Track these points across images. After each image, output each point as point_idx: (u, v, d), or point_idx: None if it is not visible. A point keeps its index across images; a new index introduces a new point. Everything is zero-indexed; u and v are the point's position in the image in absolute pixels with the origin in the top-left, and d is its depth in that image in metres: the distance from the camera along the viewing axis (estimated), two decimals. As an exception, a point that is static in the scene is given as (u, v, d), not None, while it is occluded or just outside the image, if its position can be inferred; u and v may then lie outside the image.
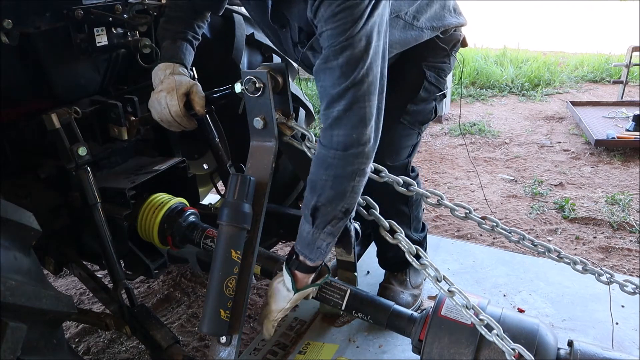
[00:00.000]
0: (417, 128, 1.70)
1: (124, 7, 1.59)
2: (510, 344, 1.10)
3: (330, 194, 1.22)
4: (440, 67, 1.67)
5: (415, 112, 1.66)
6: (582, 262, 1.30)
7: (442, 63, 1.68)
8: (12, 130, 1.54)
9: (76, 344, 2.14)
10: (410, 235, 1.93)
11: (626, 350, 1.74)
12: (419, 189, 1.27)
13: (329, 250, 1.32)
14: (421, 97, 1.65)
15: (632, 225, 2.84)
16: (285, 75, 1.30)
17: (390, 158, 1.64)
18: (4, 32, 1.33)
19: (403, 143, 1.68)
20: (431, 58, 1.65)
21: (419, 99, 1.65)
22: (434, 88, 1.68)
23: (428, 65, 1.65)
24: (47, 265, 1.61)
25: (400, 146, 1.67)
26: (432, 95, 1.68)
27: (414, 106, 1.65)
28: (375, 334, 1.83)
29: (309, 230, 1.28)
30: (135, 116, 1.62)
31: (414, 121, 1.67)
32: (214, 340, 1.24)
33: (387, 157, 1.61)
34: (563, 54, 7.18)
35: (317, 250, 1.29)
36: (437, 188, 3.45)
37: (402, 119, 1.64)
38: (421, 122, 1.71)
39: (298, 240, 1.33)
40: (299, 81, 5.86)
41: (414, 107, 1.65)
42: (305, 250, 1.31)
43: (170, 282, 2.50)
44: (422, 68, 1.64)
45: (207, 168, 2.47)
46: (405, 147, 1.68)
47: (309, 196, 1.26)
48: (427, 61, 1.64)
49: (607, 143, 3.86)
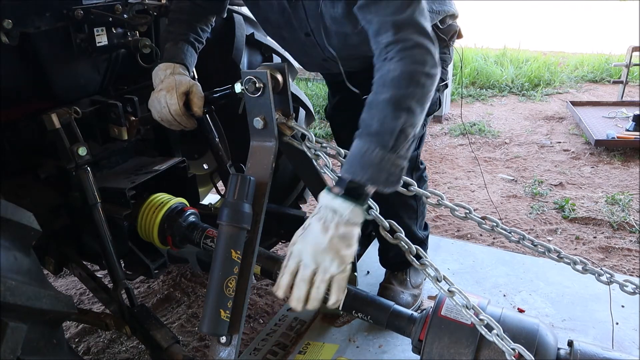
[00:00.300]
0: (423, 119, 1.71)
1: (124, 7, 1.59)
2: (510, 344, 1.10)
3: (416, 108, 1.19)
4: (441, 57, 1.68)
5: None
6: (582, 262, 1.30)
7: (442, 54, 1.68)
8: (12, 130, 1.54)
9: (76, 344, 2.14)
10: (415, 233, 1.94)
11: (626, 350, 1.75)
12: (418, 189, 1.27)
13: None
14: None
15: (632, 225, 2.84)
16: (286, 75, 1.30)
17: None
18: (4, 32, 1.33)
19: None
20: None
21: None
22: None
23: None
24: (47, 265, 1.61)
25: None
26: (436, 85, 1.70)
27: None
28: (375, 334, 1.84)
29: (382, 155, 1.14)
30: (135, 116, 1.62)
31: None
32: (214, 340, 1.24)
33: None
34: (563, 54, 7.18)
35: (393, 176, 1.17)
36: (437, 188, 3.45)
37: None
38: (427, 113, 1.72)
39: (364, 170, 1.15)
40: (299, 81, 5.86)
41: None
42: (380, 177, 1.15)
43: (170, 282, 2.50)
44: None
45: (207, 168, 2.47)
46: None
47: (391, 115, 1.16)
48: None
49: (607, 143, 3.86)
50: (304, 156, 1.39)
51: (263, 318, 2.21)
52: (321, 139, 1.31)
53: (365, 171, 1.14)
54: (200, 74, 1.73)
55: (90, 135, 1.59)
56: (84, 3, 1.52)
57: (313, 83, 5.78)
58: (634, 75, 5.59)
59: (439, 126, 4.67)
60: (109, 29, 1.59)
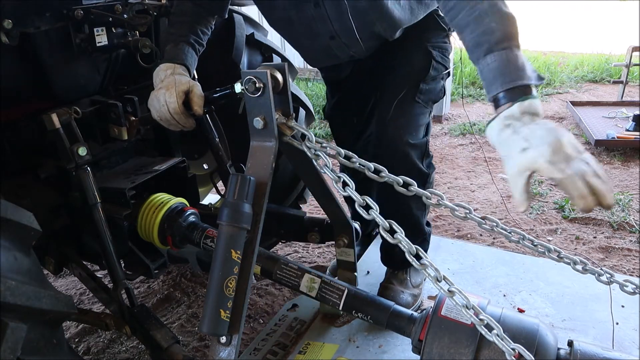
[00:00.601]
0: (430, 107, 1.78)
1: (124, 7, 1.59)
2: (510, 344, 1.10)
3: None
4: (442, 46, 1.78)
5: (428, 90, 1.74)
6: (582, 262, 1.30)
7: (443, 43, 1.78)
8: (12, 130, 1.54)
9: (76, 344, 2.14)
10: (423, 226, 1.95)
11: (626, 350, 1.74)
12: (418, 188, 1.27)
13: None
14: (431, 75, 1.73)
15: (632, 225, 2.84)
16: (286, 75, 1.30)
17: (412, 136, 1.70)
18: (4, 32, 1.33)
19: (419, 121, 1.74)
20: (433, 39, 1.75)
21: (429, 78, 1.73)
22: (441, 67, 1.77)
23: (432, 46, 1.74)
24: (47, 265, 1.61)
25: (418, 124, 1.73)
26: (440, 73, 1.78)
27: (425, 85, 1.73)
28: (375, 334, 1.84)
29: (516, 54, 1.16)
30: (135, 116, 1.62)
31: (427, 100, 1.75)
32: (214, 340, 1.24)
33: (408, 135, 1.69)
34: (563, 54, 7.18)
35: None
36: (437, 188, 3.45)
37: (417, 97, 1.71)
38: (433, 100, 1.79)
39: (523, 71, 1.14)
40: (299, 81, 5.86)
41: (426, 86, 1.73)
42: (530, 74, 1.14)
43: (170, 282, 2.51)
44: (428, 48, 1.73)
45: (207, 168, 2.47)
46: (421, 126, 1.75)
47: (500, 18, 1.17)
48: (430, 42, 1.74)
49: (607, 143, 3.86)
50: (304, 156, 1.39)
51: (263, 318, 2.21)
52: (321, 139, 1.31)
53: (524, 72, 1.12)
54: (200, 74, 1.73)
55: (90, 135, 1.59)
56: (84, 3, 1.52)
57: (313, 83, 5.78)
58: (634, 75, 5.59)
59: (439, 126, 4.67)
60: (109, 29, 1.59)
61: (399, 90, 1.71)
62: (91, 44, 1.55)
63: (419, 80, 1.72)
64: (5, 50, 1.37)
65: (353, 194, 1.23)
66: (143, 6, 1.65)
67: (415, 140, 1.73)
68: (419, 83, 1.71)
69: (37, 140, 1.56)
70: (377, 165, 1.28)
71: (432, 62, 1.73)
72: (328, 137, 4.34)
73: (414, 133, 1.72)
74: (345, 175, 1.26)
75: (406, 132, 1.69)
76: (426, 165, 1.79)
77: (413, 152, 1.72)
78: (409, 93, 1.69)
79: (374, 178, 1.27)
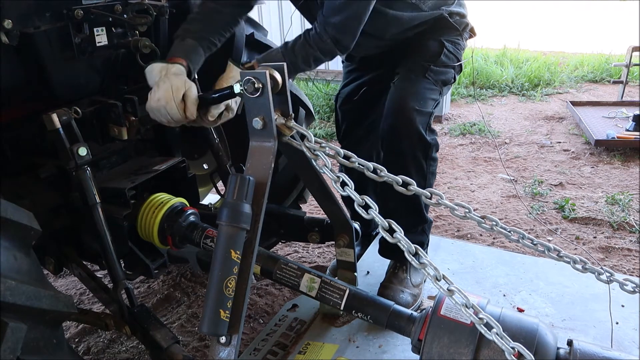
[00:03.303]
0: (439, 87, 1.94)
1: (124, 7, 1.59)
2: (509, 343, 1.10)
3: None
4: (455, 41, 2.00)
5: (438, 72, 1.93)
6: (582, 261, 1.30)
7: (456, 39, 2.00)
8: (12, 130, 1.54)
9: (76, 344, 2.14)
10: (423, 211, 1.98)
11: (626, 350, 1.74)
12: (418, 188, 1.27)
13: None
14: (442, 61, 1.94)
15: (632, 225, 2.84)
16: (284, 75, 1.30)
17: (418, 103, 1.84)
18: (4, 32, 1.33)
19: (428, 94, 1.89)
20: (446, 35, 1.97)
21: (440, 62, 1.94)
22: (452, 56, 1.97)
23: (446, 39, 1.97)
24: (47, 265, 1.61)
25: (425, 96, 1.88)
26: (452, 62, 1.98)
27: (436, 67, 1.93)
28: (375, 334, 1.84)
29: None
30: (135, 116, 1.62)
31: (437, 79, 1.93)
32: (214, 341, 1.24)
33: (415, 102, 1.83)
34: (563, 54, 7.18)
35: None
36: (437, 188, 3.45)
37: (427, 74, 1.90)
38: (443, 81, 1.96)
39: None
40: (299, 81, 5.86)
41: (436, 68, 1.93)
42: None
43: (170, 282, 2.51)
44: (442, 40, 1.96)
45: (207, 168, 2.47)
46: (429, 99, 1.90)
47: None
48: (444, 36, 1.97)
49: (607, 143, 3.86)
50: (303, 156, 1.39)
51: (263, 318, 2.21)
52: (320, 139, 1.31)
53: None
54: (199, 74, 1.73)
55: (90, 135, 1.59)
56: (84, 3, 1.52)
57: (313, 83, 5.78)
58: (634, 75, 5.59)
59: (439, 126, 4.68)
60: (109, 28, 1.59)
61: (411, 67, 1.92)
62: (91, 44, 1.55)
63: (430, 62, 1.92)
64: (5, 50, 1.37)
65: (352, 194, 1.23)
66: (143, 6, 1.65)
67: (423, 107, 1.85)
68: (430, 64, 1.91)
69: (37, 140, 1.56)
70: (375, 165, 1.28)
71: (444, 50, 1.93)
72: (328, 137, 4.34)
73: (421, 101, 1.85)
74: (344, 175, 1.26)
75: (413, 99, 1.83)
76: (430, 137, 1.89)
77: (418, 118, 1.82)
78: (420, 70, 1.90)
79: (374, 178, 1.27)
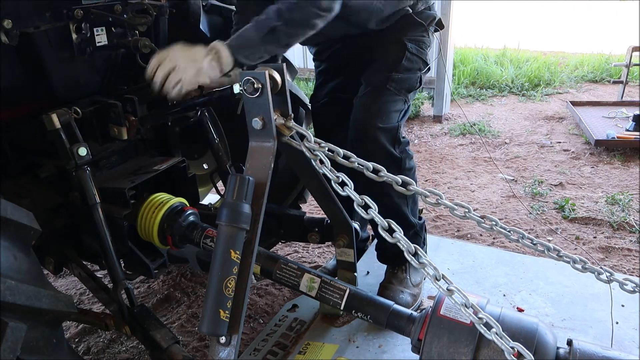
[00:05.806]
0: (404, 95, 1.86)
1: (123, 7, 1.59)
2: (509, 343, 1.10)
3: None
4: (419, 39, 1.89)
5: (401, 79, 1.83)
6: (582, 261, 1.30)
7: (420, 36, 1.89)
8: (12, 130, 1.54)
9: (76, 344, 2.14)
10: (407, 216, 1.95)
11: (626, 349, 1.74)
12: (417, 188, 1.27)
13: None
14: (404, 66, 1.84)
15: (632, 225, 2.84)
16: (284, 75, 1.30)
17: (381, 120, 1.78)
18: (4, 32, 1.33)
19: (391, 108, 1.82)
20: (410, 33, 1.87)
21: (402, 68, 1.84)
22: (416, 58, 1.87)
23: (408, 39, 1.86)
24: (47, 265, 1.61)
25: (388, 110, 1.81)
26: (416, 64, 1.88)
27: (398, 75, 1.83)
28: (375, 334, 1.84)
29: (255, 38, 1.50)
30: (135, 116, 1.62)
31: (400, 88, 1.84)
32: (214, 341, 1.24)
33: (377, 119, 1.77)
34: (563, 54, 7.18)
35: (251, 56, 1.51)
36: (437, 188, 3.45)
37: (389, 85, 1.81)
38: (407, 89, 1.87)
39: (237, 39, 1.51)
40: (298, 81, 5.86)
41: (398, 76, 1.83)
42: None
43: (170, 282, 2.51)
44: (403, 41, 1.85)
45: (207, 168, 2.47)
46: (394, 112, 1.83)
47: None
48: (407, 35, 1.86)
49: (607, 143, 3.87)
50: (302, 156, 1.39)
51: (263, 318, 2.21)
52: (319, 139, 1.31)
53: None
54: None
55: (90, 135, 1.59)
56: (84, 3, 1.52)
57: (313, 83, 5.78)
58: (634, 75, 5.59)
59: (439, 126, 4.68)
60: (109, 28, 1.59)
61: (373, 80, 1.83)
62: (91, 44, 1.55)
63: (392, 70, 1.83)
64: (5, 50, 1.37)
65: (352, 194, 1.23)
66: (143, 6, 1.65)
67: (385, 124, 1.79)
68: (391, 72, 1.82)
69: (37, 140, 1.56)
70: (375, 165, 1.28)
71: (406, 53, 1.84)
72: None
73: (384, 118, 1.80)
74: (344, 175, 1.26)
75: (375, 117, 1.77)
76: (399, 151, 1.84)
77: (382, 136, 1.78)
78: (381, 81, 1.81)
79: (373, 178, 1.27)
